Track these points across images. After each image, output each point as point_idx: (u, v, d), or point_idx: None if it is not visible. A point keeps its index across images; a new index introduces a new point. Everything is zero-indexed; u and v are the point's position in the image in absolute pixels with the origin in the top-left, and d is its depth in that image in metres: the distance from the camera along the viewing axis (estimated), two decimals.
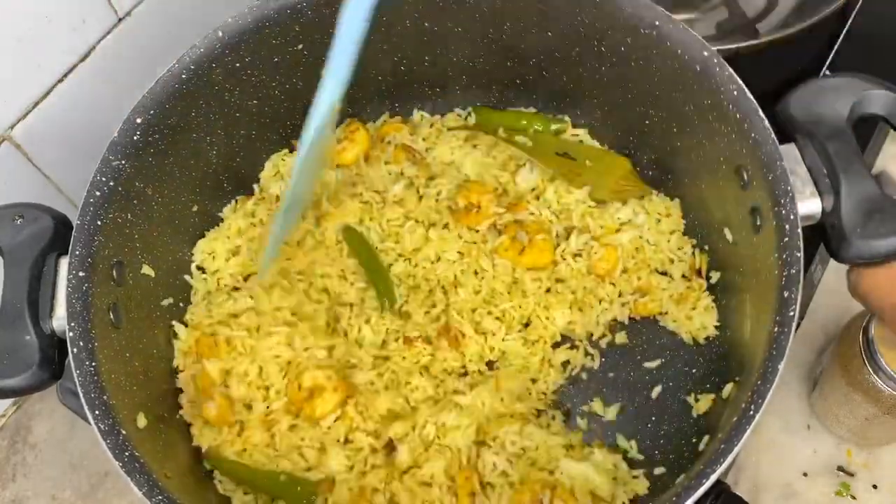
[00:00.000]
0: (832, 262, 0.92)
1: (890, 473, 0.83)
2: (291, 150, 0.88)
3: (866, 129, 0.98)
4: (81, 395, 0.62)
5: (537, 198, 0.84)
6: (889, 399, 0.74)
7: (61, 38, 0.82)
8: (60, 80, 0.84)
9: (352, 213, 0.83)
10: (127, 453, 0.61)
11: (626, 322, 0.81)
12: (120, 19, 0.87)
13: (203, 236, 0.84)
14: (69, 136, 0.87)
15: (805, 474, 0.84)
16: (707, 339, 0.79)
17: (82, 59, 0.85)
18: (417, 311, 0.79)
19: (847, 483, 0.83)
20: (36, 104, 0.83)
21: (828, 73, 1.01)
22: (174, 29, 0.91)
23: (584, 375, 0.80)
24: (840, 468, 0.84)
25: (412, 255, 0.82)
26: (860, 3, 1.05)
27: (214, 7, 0.87)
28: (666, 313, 0.80)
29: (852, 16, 1.05)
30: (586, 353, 0.80)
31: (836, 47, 1.04)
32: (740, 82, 0.67)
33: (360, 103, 0.90)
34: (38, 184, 0.88)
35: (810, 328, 0.90)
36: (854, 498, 0.83)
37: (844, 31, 1.05)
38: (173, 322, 0.79)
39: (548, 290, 0.81)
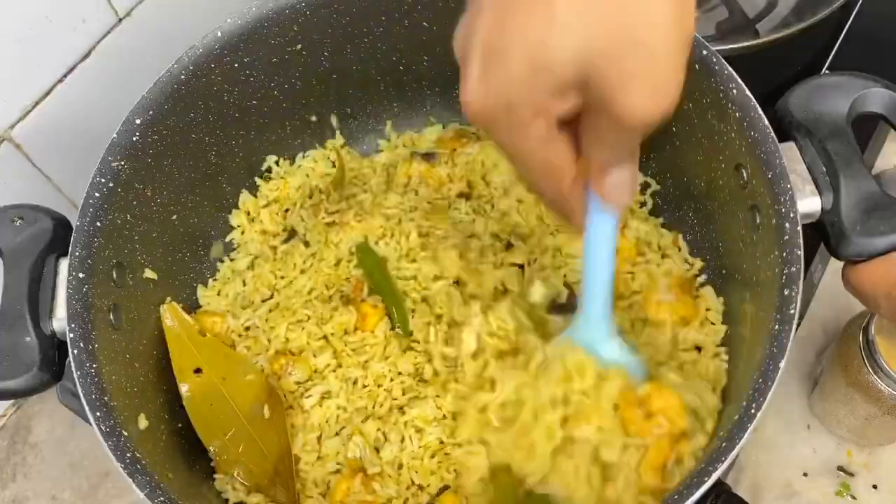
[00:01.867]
0: (832, 263, 0.92)
1: (890, 473, 0.83)
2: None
3: (866, 129, 0.98)
4: (82, 396, 0.62)
5: None
6: (889, 399, 0.74)
7: (61, 38, 0.82)
8: (60, 80, 0.84)
9: (371, 230, 0.82)
10: (129, 455, 0.60)
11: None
12: (120, 19, 0.87)
13: (201, 238, 0.84)
14: (69, 136, 0.87)
15: (805, 474, 0.84)
16: None
17: (82, 59, 0.85)
18: (423, 330, 0.79)
19: (847, 483, 0.83)
20: (36, 104, 0.83)
21: (827, 72, 1.01)
22: (174, 29, 0.91)
23: None
24: (840, 468, 0.84)
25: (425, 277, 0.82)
26: (860, 3, 1.05)
27: (214, 7, 0.87)
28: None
29: (852, 16, 1.05)
30: None
31: (836, 47, 1.04)
32: (739, 81, 0.67)
33: (359, 103, 0.90)
34: (38, 184, 0.88)
35: (810, 328, 0.90)
36: (854, 498, 0.83)
37: (844, 31, 1.05)
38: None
39: None
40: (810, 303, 0.92)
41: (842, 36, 1.04)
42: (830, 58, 1.03)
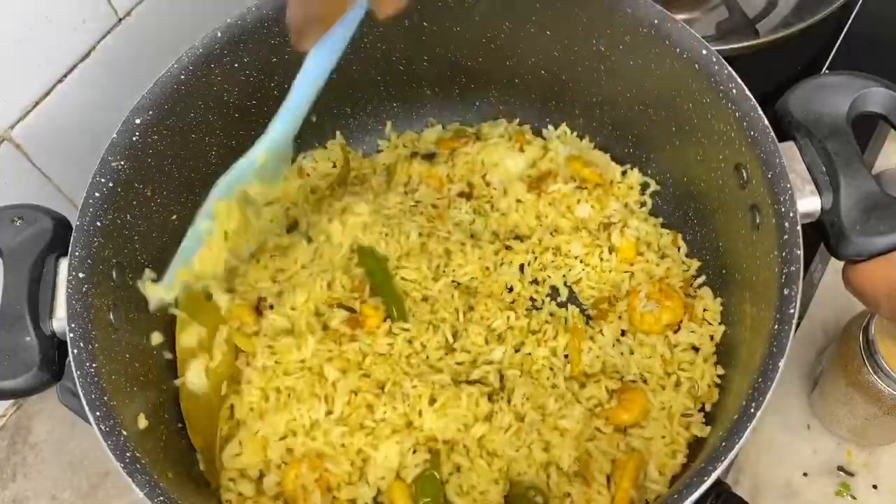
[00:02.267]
0: (832, 263, 0.92)
1: (890, 473, 0.83)
2: None
3: (866, 129, 0.98)
4: (82, 396, 0.62)
5: None
6: (889, 399, 0.74)
7: (61, 38, 0.82)
8: (60, 80, 0.84)
9: (373, 229, 0.83)
10: (128, 454, 0.61)
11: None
12: (120, 19, 0.87)
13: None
14: (69, 136, 0.87)
15: (805, 474, 0.84)
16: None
17: (82, 59, 0.85)
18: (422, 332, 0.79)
19: (847, 483, 0.83)
20: (36, 104, 0.83)
21: (827, 72, 1.01)
22: (174, 29, 0.91)
23: None
24: (840, 468, 0.84)
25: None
26: (860, 3, 1.05)
27: (214, 7, 0.87)
28: None
29: (852, 16, 1.05)
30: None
31: (836, 47, 1.04)
32: (739, 81, 0.67)
33: (359, 103, 0.90)
34: (38, 184, 0.88)
35: (810, 328, 0.90)
36: (854, 498, 0.83)
37: (844, 31, 1.05)
38: None
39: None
40: (810, 303, 0.92)
41: (842, 36, 1.04)
42: (830, 58, 1.03)
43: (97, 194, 0.69)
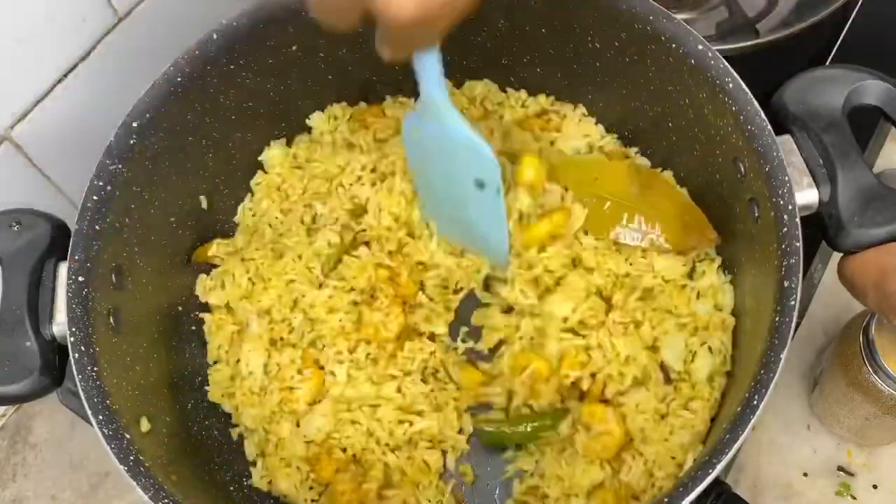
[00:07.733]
0: (832, 262, 0.92)
1: (890, 473, 0.83)
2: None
3: (866, 129, 0.97)
4: (84, 399, 0.62)
5: None
6: (889, 399, 0.74)
7: (61, 38, 0.82)
8: (60, 80, 0.84)
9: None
10: (132, 457, 0.61)
11: None
12: (120, 19, 0.87)
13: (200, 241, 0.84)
14: (69, 136, 0.87)
15: (805, 474, 0.84)
16: None
17: (82, 59, 0.85)
18: None
19: (847, 483, 0.83)
20: (36, 104, 0.83)
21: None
22: (174, 29, 0.91)
23: None
24: (840, 468, 0.84)
25: None
26: (860, 3, 1.05)
27: (214, 7, 0.87)
28: None
29: (852, 16, 1.05)
30: None
31: (836, 47, 1.03)
32: (735, 75, 0.67)
33: (356, 103, 0.90)
34: (38, 184, 0.88)
35: (810, 328, 0.90)
36: (854, 498, 0.83)
37: (845, 31, 1.04)
38: None
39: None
40: (810, 302, 0.92)
41: (842, 35, 1.04)
42: (831, 57, 1.03)
43: (95, 197, 0.69)
